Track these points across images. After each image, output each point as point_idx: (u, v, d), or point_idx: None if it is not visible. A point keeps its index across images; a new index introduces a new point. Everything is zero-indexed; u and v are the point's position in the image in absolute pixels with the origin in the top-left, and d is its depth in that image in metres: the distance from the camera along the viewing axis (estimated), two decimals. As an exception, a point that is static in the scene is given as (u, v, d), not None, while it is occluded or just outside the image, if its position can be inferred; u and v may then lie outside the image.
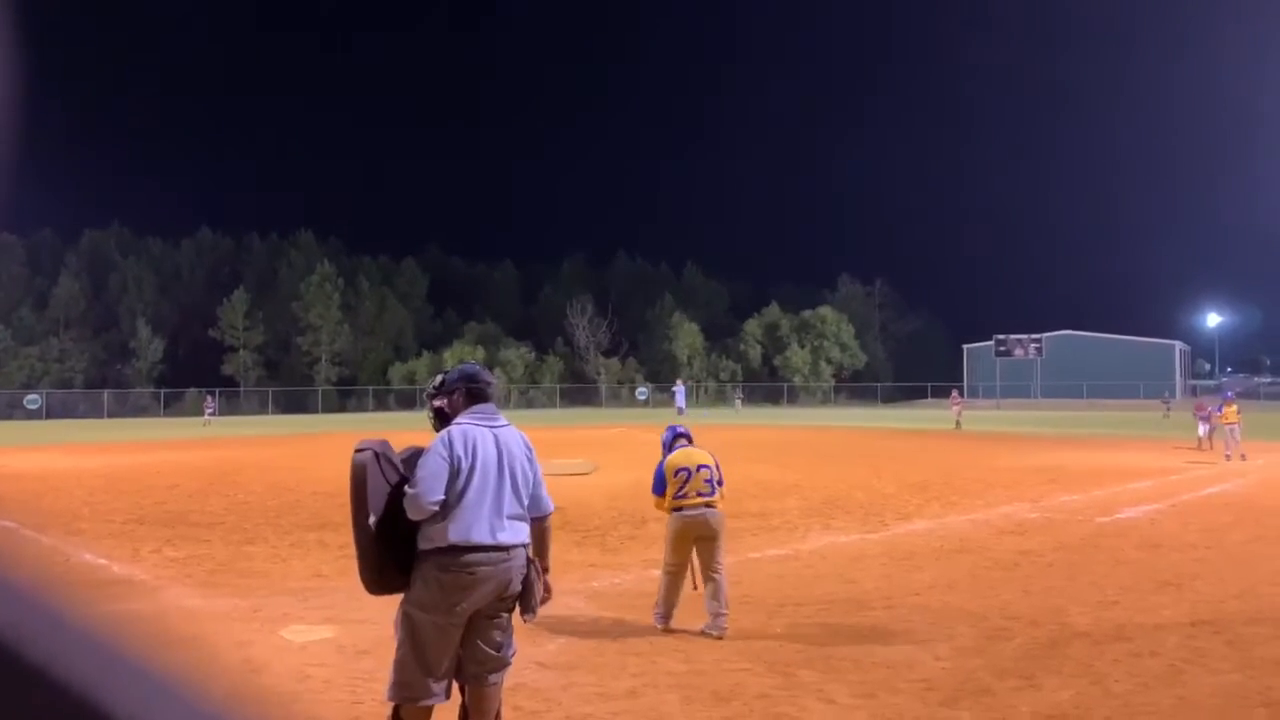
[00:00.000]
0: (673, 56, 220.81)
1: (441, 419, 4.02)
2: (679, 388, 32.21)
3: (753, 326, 76.61)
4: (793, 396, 71.40)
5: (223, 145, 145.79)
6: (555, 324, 73.38)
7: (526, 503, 3.88)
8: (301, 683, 5.05)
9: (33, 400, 54.02)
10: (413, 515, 3.66)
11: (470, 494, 3.70)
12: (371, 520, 3.63)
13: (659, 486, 6.48)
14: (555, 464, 18.35)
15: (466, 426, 3.84)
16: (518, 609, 3.90)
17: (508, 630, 3.89)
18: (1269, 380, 79.90)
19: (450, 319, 77.23)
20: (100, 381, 61.48)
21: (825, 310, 76.41)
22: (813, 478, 16.04)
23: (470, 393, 3.98)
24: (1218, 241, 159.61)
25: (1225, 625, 6.13)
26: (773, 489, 14.27)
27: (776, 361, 74.15)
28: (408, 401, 60.44)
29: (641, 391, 65.70)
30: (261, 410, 59.97)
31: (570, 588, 7.57)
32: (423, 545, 3.70)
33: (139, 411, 57.63)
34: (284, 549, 9.42)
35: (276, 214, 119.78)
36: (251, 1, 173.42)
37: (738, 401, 59.43)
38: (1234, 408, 19.57)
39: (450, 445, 3.75)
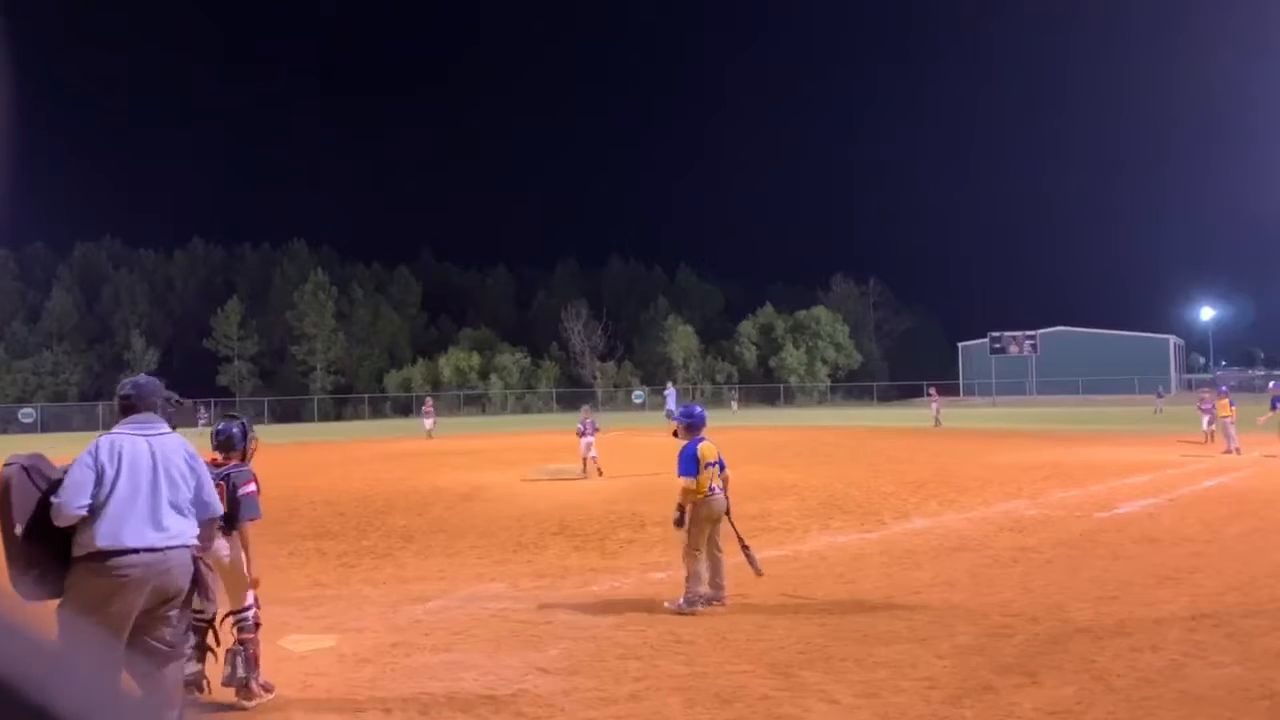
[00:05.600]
0: (665, 58, 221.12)
1: None
2: (670, 390, 32.35)
3: (747, 328, 76.66)
4: (789, 397, 71.42)
5: (213, 155, 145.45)
6: (550, 328, 73.37)
7: (191, 506, 4.05)
8: (303, 692, 5.04)
9: (27, 414, 53.78)
10: (59, 522, 3.79)
11: (116, 499, 3.86)
12: (18, 530, 3.73)
13: (692, 468, 7.01)
14: (552, 468, 18.32)
15: (115, 435, 4.04)
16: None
17: (179, 626, 4.05)
18: (1263, 373, 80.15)
19: (445, 325, 77.23)
20: (95, 394, 61.20)
21: (819, 310, 76.49)
22: (810, 478, 16.03)
23: (121, 406, 4.18)
24: (1211, 236, 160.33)
25: (1225, 618, 6.14)
26: (770, 490, 14.26)
27: (772, 363, 74.17)
28: (404, 409, 60.43)
29: (638, 395, 65.69)
30: (257, 420, 59.35)
31: (570, 592, 7.56)
32: (76, 552, 3.82)
33: (134, 423, 57.33)
34: (282, 559, 9.38)
35: (268, 223, 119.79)
36: (244, 11, 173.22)
37: (734, 403, 59.49)
38: (1225, 401, 19.65)
39: (95, 454, 3.93)
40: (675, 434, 7.54)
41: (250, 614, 5.04)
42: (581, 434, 17.84)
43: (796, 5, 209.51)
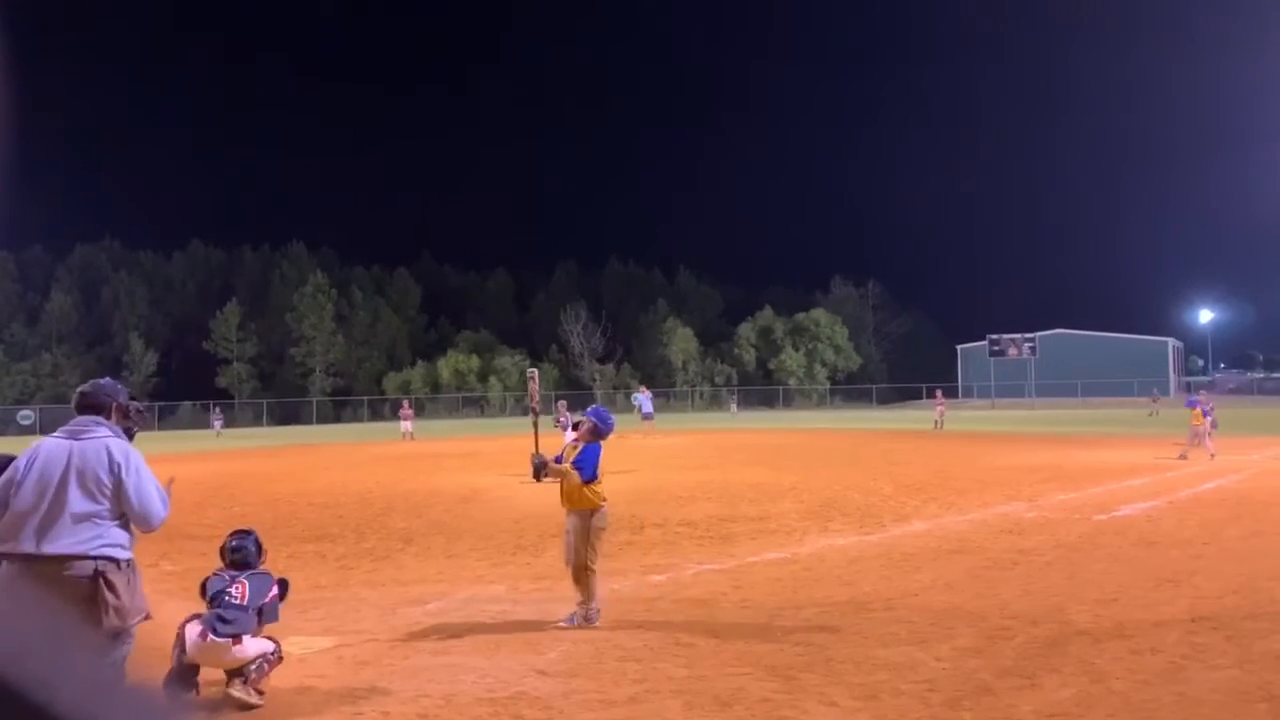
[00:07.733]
0: (665, 62, 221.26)
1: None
2: (644, 395, 33.20)
3: (747, 330, 76.71)
4: (788, 399, 71.44)
5: (213, 157, 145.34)
6: (549, 331, 73.39)
7: (108, 515, 3.90)
8: (302, 695, 5.03)
9: (26, 416, 53.82)
10: None
11: (16, 504, 3.84)
12: None
13: (595, 471, 6.69)
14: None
15: (45, 439, 4.03)
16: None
17: (114, 643, 3.87)
18: (1262, 376, 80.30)
19: (444, 328, 77.23)
20: (93, 396, 61.18)
21: (818, 312, 76.55)
22: (809, 480, 16.03)
23: (76, 405, 4.17)
24: (1210, 238, 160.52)
25: (1225, 621, 6.14)
26: (769, 492, 14.26)
27: (771, 365, 74.22)
28: (403, 411, 60.36)
29: (637, 397, 65.73)
30: (257, 422, 59.77)
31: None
32: None
33: (133, 425, 57.35)
34: (282, 561, 9.36)
35: (268, 225, 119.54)
36: (243, 11, 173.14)
37: (733, 405, 59.53)
38: (1198, 411, 19.71)
39: (22, 457, 3.96)
40: (574, 426, 7.12)
41: (280, 650, 5.07)
42: (565, 427, 18.49)
43: (797, 8, 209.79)
